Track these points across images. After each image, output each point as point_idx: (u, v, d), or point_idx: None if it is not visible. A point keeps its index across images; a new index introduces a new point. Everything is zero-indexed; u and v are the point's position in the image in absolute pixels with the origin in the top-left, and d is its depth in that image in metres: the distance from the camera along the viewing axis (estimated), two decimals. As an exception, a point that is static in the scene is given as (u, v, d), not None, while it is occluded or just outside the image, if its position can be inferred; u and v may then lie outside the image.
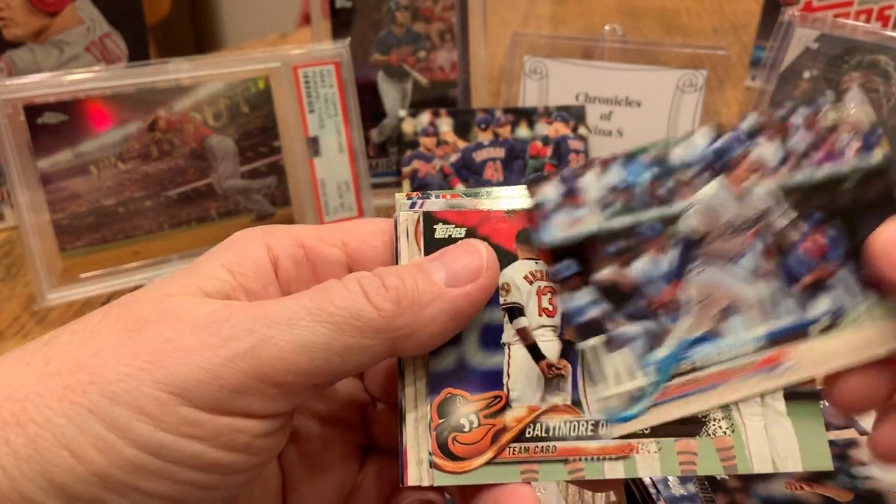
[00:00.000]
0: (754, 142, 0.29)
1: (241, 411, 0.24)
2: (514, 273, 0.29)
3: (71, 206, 0.59)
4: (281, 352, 0.24)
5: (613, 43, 0.75)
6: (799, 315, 0.28)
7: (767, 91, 0.60)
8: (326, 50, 0.65)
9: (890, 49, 0.55)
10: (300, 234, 0.29)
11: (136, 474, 0.23)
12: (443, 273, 0.27)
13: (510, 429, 0.28)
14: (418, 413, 0.28)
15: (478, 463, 0.27)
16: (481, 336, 0.28)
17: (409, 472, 0.27)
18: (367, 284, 0.26)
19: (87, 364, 0.24)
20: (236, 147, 0.64)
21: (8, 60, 0.67)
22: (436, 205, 0.30)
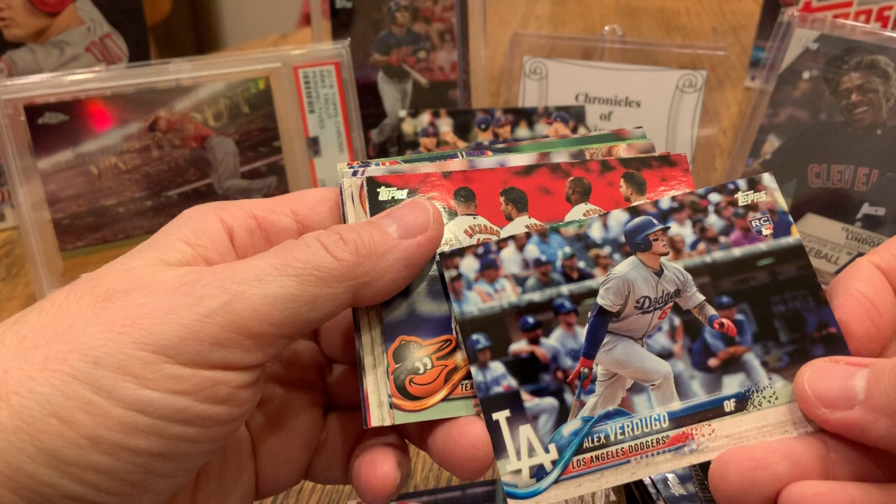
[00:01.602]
0: (670, 221, 0.31)
1: (222, 364, 0.26)
2: (456, 228, 0.32)
3: (71, 206, 0.59)
4: (253, 305, 0.26)
5: (613, 43, 0.75)
6: (709, 394, 0.29)
7: (767, 91, 0.60)
8: (326, 50, 0.65)
9: (889, 49, 0.55)
10: (250, 207, 0.31)
11: (125, 433, 0.24)
12: (394, 227, 0.29)
13: (461, 368, 0.30)
14: (375, 361, 0.30)
15: (434, 400, 0.29)
16: (429, 287, 0.31)
17: (371, 414, 0.29)
18: (326, 239, 0.28)
19: (63, 334, 0.25)
20: (236, 147, 0.64)
21: (8, 61, 0.67)
22: (377, 171, 0.32)
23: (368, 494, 0.30)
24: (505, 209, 0.32)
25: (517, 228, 0.32)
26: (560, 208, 0.33)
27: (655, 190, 0.33)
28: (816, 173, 0.58)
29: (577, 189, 0.33)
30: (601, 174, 0.33)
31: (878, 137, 0.56)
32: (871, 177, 0.56)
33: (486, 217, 0.32)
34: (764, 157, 0.60)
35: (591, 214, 0.32)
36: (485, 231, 0.32)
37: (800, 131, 0.59)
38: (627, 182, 0.33)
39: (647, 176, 0.33)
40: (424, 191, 0.32)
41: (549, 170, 0.33)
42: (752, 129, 0.61)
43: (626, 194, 0.33)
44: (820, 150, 0.58)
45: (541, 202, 0.33)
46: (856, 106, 0.57)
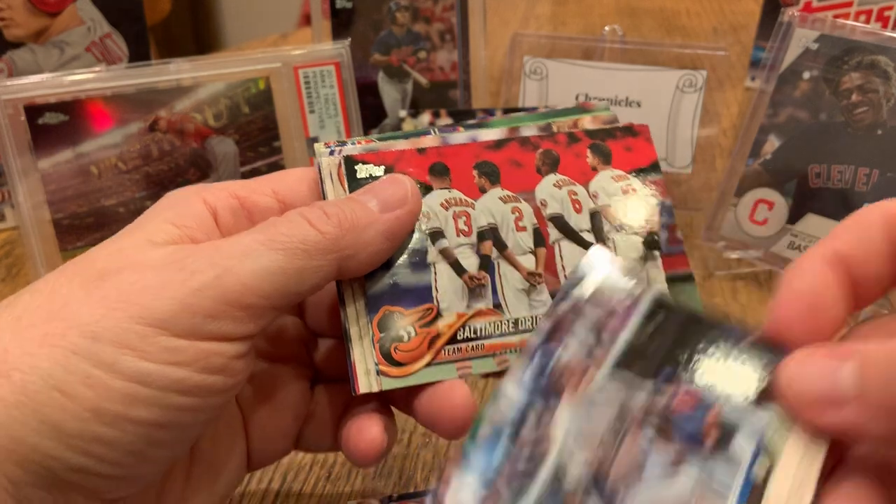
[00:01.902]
0: (555, 348, 0.26)
1: (216, 335, 0.26)
2: (432, 202, 0.33)
3: (71, 206, 0.59)
4: (242, 278, 0.26)
5: (613, 43, 0.75)
6: (733, 472, 0.24)
7: (767, 91, 0.60)
8: (326, 50, 0.65)
9: (890, 49, 0.55)
10: (232, 188, 0.32)
11: (126, 404, 0.25)
12: (374, 202, 0.30)
13: (444, 334, 0.31)
14: (361, 332, 0.31)
15: (419, 366, 0.31)
16: (409, 260, 0.32)
17: (359, 381, 0.30)
18: (310, 214, 0.29)
19: (59, 313, 0.25)
20: (236, 147, 0.64)
21: (8, 61, 0.67)
22: (353, 150, 0.33)
23: (358, 458, 0.31)
24: (478, 182, 0.34)
25: (491, 200, 0.34)
26: (531, 179, 0.34)
27: (621, 159, 0.35)
28: (816, 173, 0.58)
29: (547, 161, 0.35)
30: (568, 146, 0.35)
31: (879, 138, 0.56)
32: (872, 177, 0.56)
33: (461, 190, 0.34)
34: (764, 157, 0.60)
35: (561, 184, 0.34)
36: (460, 204, 0.33)
37: (800, 131, 0.59)
38: (594, 152, 0.35)
39: (613, 146, 0.35)
40: (400, 167, 0.33)
41: (518, 143, 0.35)
42: (753, 129, 0.61)
43: (593, 164, 0.35)
44: (820, 150, 0.58)
45: (512, 174, 0.34)
46: (856, 106, 0.57)
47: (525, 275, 0.33)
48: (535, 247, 0.34)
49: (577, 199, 0.34)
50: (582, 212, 0.34)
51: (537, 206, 0.34)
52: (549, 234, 0.34)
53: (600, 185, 0.35)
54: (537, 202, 0.34)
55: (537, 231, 0.34)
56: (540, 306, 0.33)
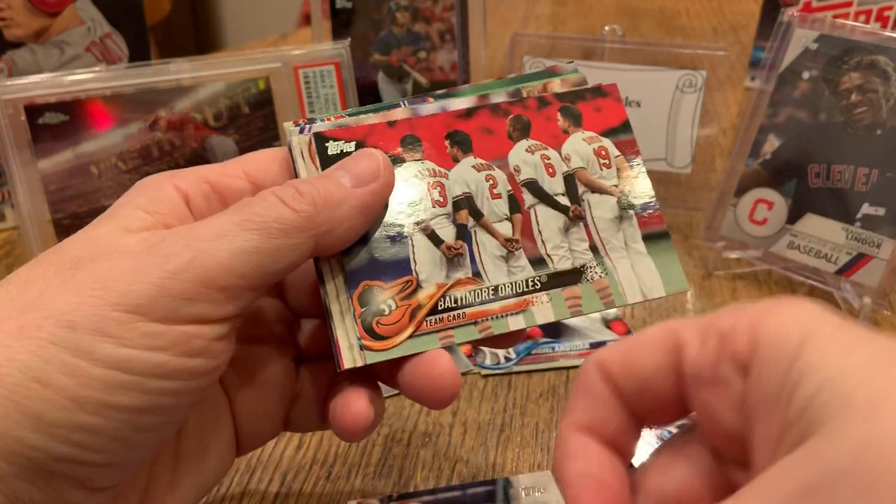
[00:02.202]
0: None
1: (195, 318, 0.26)
2: (406, 174, 0.33)
3: (71, 206, 0.59)
4: (219, 259, 0.26)
5: (613, 43, 0.75)
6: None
7: (767, 91, 0.60)
8: (326, 50, 0.65)
9: (889, 49, 0.55)
10: (203, 172, 0.32)
11: (107, 391, 0.25)
12: (347, 177, 0.30)
13: (424, 305, 0.32)
14: (342, 307, 0.31)
15: (401, 338, 0.31)
16: (385, 233, 0.32)
17: (343, 356, 0.30)
18: (283, 193, 0.28)
19: (35, 303, 0.25)
20: (236, 147, 0.64)
21: (8, 61, 0.67)
22: (323, 126, 0.33)
23: (346, 432, 0.31)
24: (451, 152, 0.34)
25: (464, 169, 0.34)
26: (503, 146, 0.34)
27: (591, 120, 0.35)
28: (816, 173, 0.58)
29: (517, 126, 0.35)
30: (538, 110, 0.35)
31: (878, 137, 0.56)
32: (871, 177, 0.56)
33: (434, 161, 0.33)
34: (764, 157, 0.60)
35: (533, 149, 0.35)
36: (433, 175, 0.33)
37: (799, 131, 0.59)
38: (564, 115, 0.35)
39: (583, 108, 0.35)
40: (372, 141, 0.33)
41: (489, 110, 0.35)
42: (752, 129, 0.61)
43: (564, 127, 0.35)
44: (820, 150, 0.58)
45: (484, 142, 0.34)
46: (856, 106, 0.57)
47: (502, 241, 0.33)
48: (510, 213, 0.34)
49: (549, 163, 0.35)
50: (556, 175, 0.34)
51: (511, 172, 0.34)
52: (524, 199, 0.34)
53: (572, 147, 0.35)
54: (511, 168, 0.34)
55: (512, 197, 0.34)
56: (518, 272, 0.33)
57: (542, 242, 0.34)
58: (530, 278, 0.33)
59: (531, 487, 0.44)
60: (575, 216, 0.34)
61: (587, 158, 0.35)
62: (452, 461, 0.46)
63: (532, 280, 0.33)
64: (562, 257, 0.34)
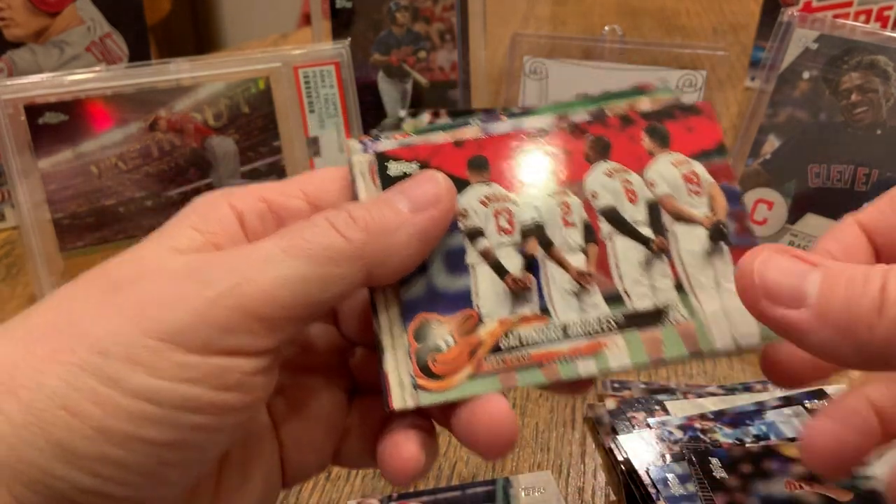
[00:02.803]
0: None
1: (231, 350, 0.25)
2: (470, 198, 0.31)
3: (71, 206, 0.59)
4: (262, 287, 0.25)
5: (613, 43, 0.75)
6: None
7: (767, 91, 0.60)
8: (326, 50, 0.65)
9: (889, 49, 0.55)
10: (260, 191, 0.30)
11: (135, 423, 0.24)
12: (405, 202, 0.28)
13: (485, 343, 0.29)
14: (395, 342, 0.29)
15: (459, 379, 0.28)
16: (446, 261, 0.30)
17: (392, 396, 0.28)
18: (335, 218, 0.27)
19: (70, 326, 0.24)
20: (236, 147, 0.64)
21: (8, 60, 0.67)
22: (386, 145, 0.31)
23: (394, 477, 0.29)
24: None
25: (535, 194, 0.31)
26: (579, 169, 0.31)
27: (681, 141, 0.31)
28: (816, 173, 0.58)
29: (597, 147, 0.32)
30: (621, 129, 0.32)
31: (879, 137, 0.56)
32: (871, 177, 0.56)
33: (502, 185, 0.31)
34: (764, 157, 0.60)
35: (613, 173, 0.31)
36: (501, 200, 0.31)
37: (799, 131, 0.59)
38: (650, 135, 0.32)
39: (672, 127, 0.32)
40: (436, 162, 0.31)
41: (566, 130, 0.32)
42: (752, 129, 0.61)
43: (649, 148, 0.32)
44: (820, 150, 0.58)
45: (559, 164, 0.31)
46: (856, 106, 0.57)
47: (574, 275, 0.30)
48: (585, 244, 0.31)
49: (631, 188, 0.31)
50: (637, 202, 0.31)
51: (587, 198, 0.31)
52: (600, 228, 0.31)
53: (658, 171, 0.31)
54: (587, 194, 0.31)
55: (587, 226, 0.31)
56: (591, 310, 0.30)
57: (619, 277, 0.30)
58: (604, 317, 0.30)
59: (531, 487, 0.44)
60: (658, 249, 0.31)
61: (674, 184, 0.31)
62: (452, 461, 0.46)
63: (606, 319, 0.30)
64: (641, 295, 0.30)
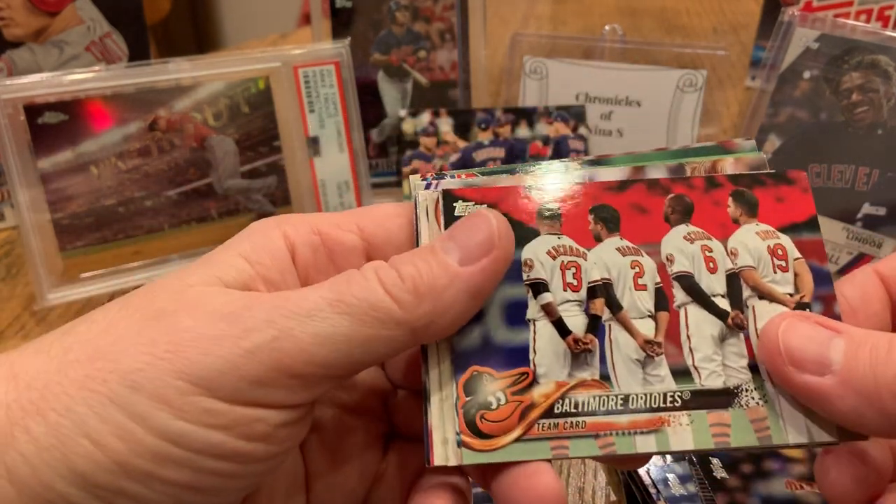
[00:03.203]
0: None
1: (262, 402, 0.24)
2: (537, 248, 0.29)
3: (71, 206, 0.59)
4: (301, 343, 0.24)
5: (613, 43, 0.75)
6: None
7: (767, 91, 0.60)
8: (326, 50, 0.65)
9: (890, 49, 0.55)
10: (316, 222, 0.29)
11: (156, 462, 0.23)
12: (455, 252, 0.26)
13: (538, 405, 0.27)
14: (443, 393, 0.27)
15: (507, 440, 0.27)
16: (505, 313, 0.28)
17: (434, 451, 0.27)
18: (385, 276, 0.25)
19: (105, 352, 0.24)
20: (236, 147, 0.64)
21: (8, 60, 0.67)
22: (452, 184, 0.30)
23: None
24: (594, 229, 0.29)
25: (607, 250, 0.29)
26: (657, 229, 0.29)
27: (770, 211, 0.30)
28: (817, 173, 0.58)
29: (678, 208, 0.30)
30: (706, 192, 0.30)
31: (879, 137, 0.56)
32: (872, 177, 0.56)
33: (573, 237, 0.29)
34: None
35: (693, 238, 0.29)
36: (570, 253, 0.29)
37: (800, 131, 0.59)
38: (736, 201, 0.30)
39: (761, 195, 0.30)
40: (505, 207, 0.29)
41: (645, 186, 0.30)
42: (753, 129, 0.61)
43: (735, 215, 0.30)
44: (820, 149, 0.58)
45: (635, 222, 0.29)
46: (856, 106, 0.57)
47: (641, 342, 0.28)
48: (655, 310, 0.29)
49: (711, 255, 0.29)
50: (717, 272, 0.29)
51: (662, 261, 0.29)
52: (673, 295, 0.29)
53: (741, 241, 0.29)
54: (662, 257, 0.29)
55: (660, 291, 0.29)
56: (656, 382, 0.28)
57: (689, 350, 0.28)
58: (670, 392, 0.28)
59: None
60: (735, 324, 0.28)
61: (759, 256, 0.29)
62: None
63: (672, 395, 0.28)
64: (712, 372, 0.28)
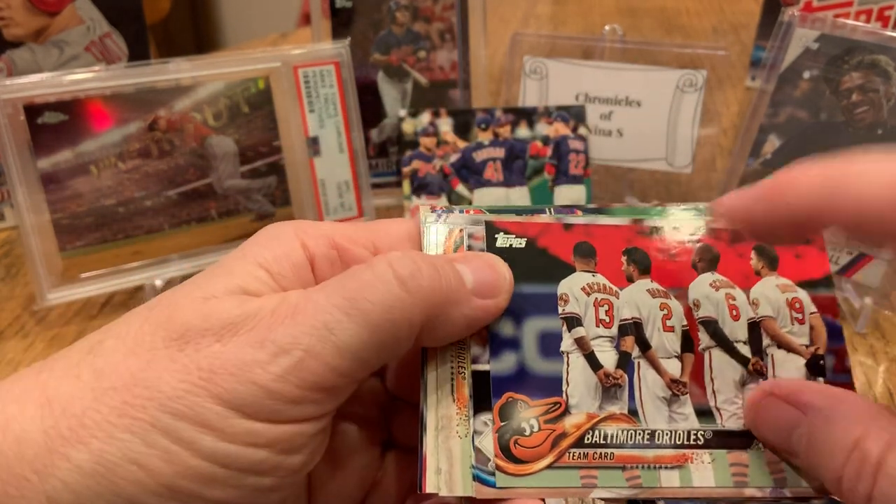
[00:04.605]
0: None
1: (297, 418, 0.25)
2: (572, 284, 0.30)
3: (71, 206, 0.59)
4: (326, 359, 0.25)
5: (613, 43, 0.75)
6: None
7: (767, 91, 0.60)
8: (326, 50, 0.65)
9: (890, 49, 0.55)
10: (332, 234, 0.29)
11: (203, 484, 0.24)
12: (471, 279, 0.27)
13: (570, 434, 0.28)
14: (439, 422, 0.28)
15: (539, 466, 0.28)
16: (540, 343, 0.29)
17: (427, 480, 0.27)
18: (401, 268, 0.26)
19: (140, 378, 0.25)
20: (236, 147, 0.64)
21: (8, 60, 0.67)
22: (460, 220, 0.31)
23: None
24: (626, 269, 0.31)
25: (638, 291, 0.31)
26: (685, 275, 0.31)
27: (789, 266, 0.32)
28: (817, 173, 0.58)
29: (705, 257, 0.32)
30: (730, 244, 0.32)
31: (879, 137, 0.56)
32: (872, 177, 0.56)
33: (606, 276, 0.31)
34: (764, 157, 0.60)
35: (718, 286, 0.31)
36: (603, 291, 0.30)
37: (800, 131, 0.59)
38: (759, 255, 0.32)
39: (780, 250, 0.32)
40: (544, 241, 0.31)
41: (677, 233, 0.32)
42: (753, 129, 0.61)
43: (757, 268, 0.32)
44: (820, 149, 0.58)
45: (665, 266, 0.31)
46: (856, 106, 0.57)
47: (668, 381, 0.30)
48: (681, 351, 0.30)
49: (734, 304, 0.31)
50: (739, 319, 0.31)
51: (689, 305, 0.31)
52: (699, 339, 0.30)
53: (762, 292, 0.31)
54: (689, 301, 0.31)
55: (686, 334, 0.30)
56: (681, 420, 0.29)
57: (712, 392, 0.30)
58: (693, 430, 0.29)
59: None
60: (755, 370, 0.30)
61: (778, 308, 0.31)
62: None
63: (695, 433, 0.29)
64: (733, 414, 0.29)
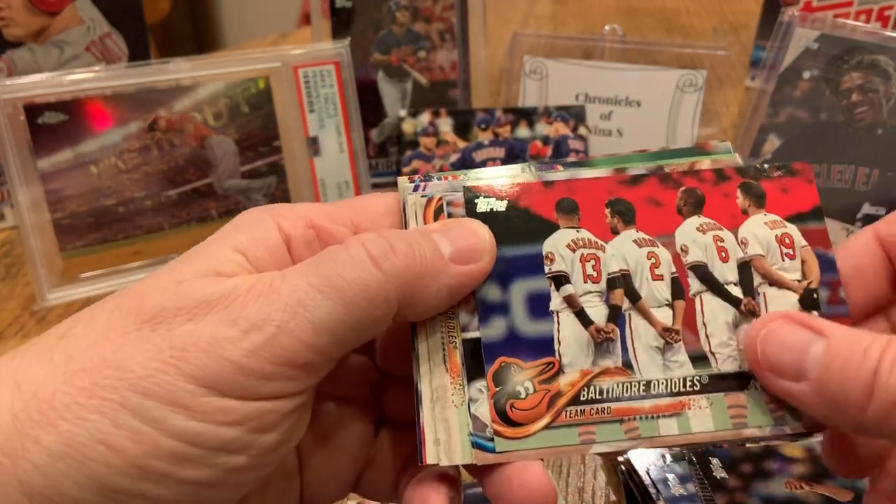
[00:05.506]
0: None
1: (270, 395, 0.25)
2: (557, 242, 0.30)
3: (71, 206, 0.59)
4: (300, 335, 0.25)
5: (613, 43, 0.75)
6: None
7: (767, 91, 0.60)
8: (326, 50, 0.65)
9: (890, 49, 0.55)
10: (309, 214, 0.29)
11: (173, 463, 0.24)
12: (449, 248, 0.27)
13: (565, 393, 0.28)
14: (434, 394, 0.28)
15: (537, 427, 0.28)
16: (529, 305, 0.29)
17: (427, 451, 0.27)
18: (374, 248, 0.25)
19: (111, 360, 0.24)
20: (236, 147, 0.64)
21: (8, 60, 0.67)
22: (439, 186, 0.30)
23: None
24: (611, 222, 0.30)
25: (624, 243, 0.30)
26: (670, 221, 0.31)
27: (776, 202, 0.31)
28: (817, 173, 0.58)
29: (690, 200, 0.31)
30: (715, 184, 0.31)
31: (879, 137, 0.56)
32: (872, 176, 0.56)
33: (590, 230, 0.30)
34: (764, 157, 0.60)
35: (706, 228, 0.31)
36: (588, 246, 0.30)
37: (800, 131, 0.59)
38: (745, 193, 0.31)
39: (767, 186, 0.31)
40: (526, 201, 0.30)
41: (658, 179, 0.31)
42: (753, 129, 0.61)
43: (744, 206, 0.31)
44: (820, 149, 0.58)
45: (649, 214, 0.30)
46: (856, 105, 0.57)
47: (660, 330, 0.29)
48: (672, 299, 0.30)
49: (723, 245, 0.30)
50: (728, 261, 0.30)
51: (677, 252, 0.30)
52: (689, 285, 0.30)
53: (751, 230, 0.31)
54: (677, 248, 0.30)
55: (676, 281, 0.30)
56: (675, 368, 0.29)
57: (705, 337, 0.29)
58: (689, 377, 0.29)
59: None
60: (747, 311, 0.30)
61: (767, 245, 0.31)
62: (452, 461, 0.46)
63: (691, 379, 0.29)
64: (727, 357, 0.29)
